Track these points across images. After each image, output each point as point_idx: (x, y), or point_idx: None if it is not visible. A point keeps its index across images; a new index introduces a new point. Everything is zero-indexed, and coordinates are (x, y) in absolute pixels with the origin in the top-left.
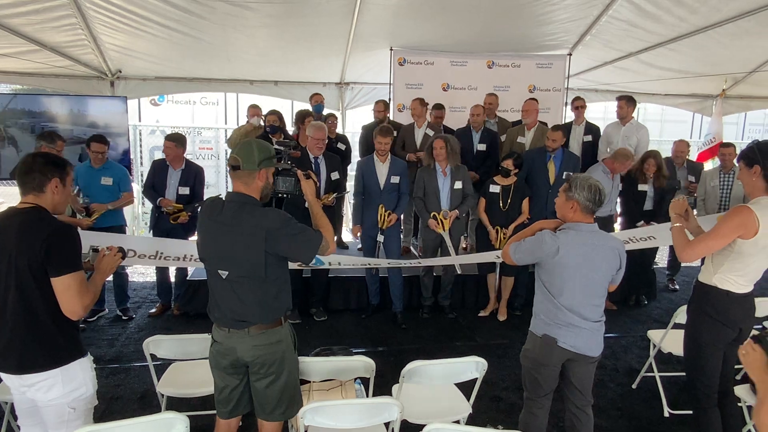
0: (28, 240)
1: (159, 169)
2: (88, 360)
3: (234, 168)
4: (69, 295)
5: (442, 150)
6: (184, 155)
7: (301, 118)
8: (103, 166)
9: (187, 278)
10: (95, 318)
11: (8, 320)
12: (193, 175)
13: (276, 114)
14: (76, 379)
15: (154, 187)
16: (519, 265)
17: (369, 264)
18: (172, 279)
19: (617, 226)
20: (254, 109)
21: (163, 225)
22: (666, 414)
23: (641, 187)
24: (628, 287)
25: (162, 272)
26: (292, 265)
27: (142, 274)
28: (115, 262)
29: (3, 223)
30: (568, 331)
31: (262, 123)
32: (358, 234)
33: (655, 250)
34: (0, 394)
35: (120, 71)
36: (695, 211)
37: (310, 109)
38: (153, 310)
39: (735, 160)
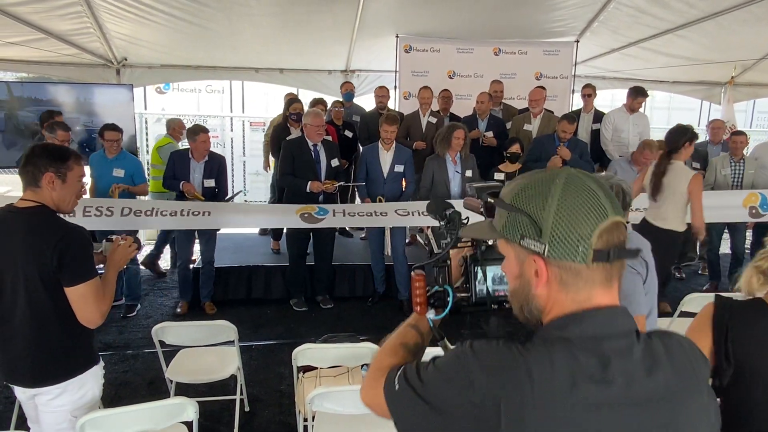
0: (37, 247)
1: (180, 161)
2: (99, 367)
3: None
4: (85, 304)
5: (460, 140)
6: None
7: (314, 105)
8: (116, 157)
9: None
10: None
11: (18, 332)
12: (217, 166)
13: (300, 102)
14: (85, 387)
15: (176, 178)
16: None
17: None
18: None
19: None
20: (290, 96)
21: None
22: None
23: None
24: None
25: (184, 270)
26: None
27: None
28: (129, 254)
29: (6, 227)
30: None
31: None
32: None
33: None
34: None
35: (126, 59)
36: None
37: (341, 97)
38: (178, 310)
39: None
